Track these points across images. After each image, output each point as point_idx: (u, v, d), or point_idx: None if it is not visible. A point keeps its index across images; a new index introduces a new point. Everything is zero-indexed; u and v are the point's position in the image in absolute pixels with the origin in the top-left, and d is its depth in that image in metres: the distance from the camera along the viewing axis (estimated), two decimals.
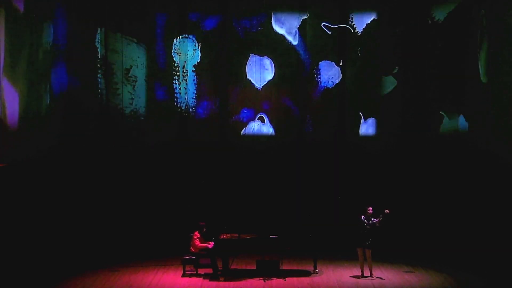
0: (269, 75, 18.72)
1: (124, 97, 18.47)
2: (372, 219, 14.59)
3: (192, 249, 15.10)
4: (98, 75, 18.21)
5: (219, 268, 15.06)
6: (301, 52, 18.68)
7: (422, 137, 18.49)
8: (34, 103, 15.80)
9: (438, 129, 18.46)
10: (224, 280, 14.68)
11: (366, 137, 18.80)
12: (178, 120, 18.81)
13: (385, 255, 16.09)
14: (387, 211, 14.47)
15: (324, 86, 18.79)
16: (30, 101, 15.51)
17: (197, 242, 15.08)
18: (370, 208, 14.73)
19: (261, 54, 18.71)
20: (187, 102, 18.74)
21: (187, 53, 18.65)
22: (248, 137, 18.78)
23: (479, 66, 16.83)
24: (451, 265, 15.85)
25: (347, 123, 18.78)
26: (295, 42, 18.65)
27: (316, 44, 18.72)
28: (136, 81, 18.60)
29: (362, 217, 14.69)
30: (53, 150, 17.25)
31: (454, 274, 15.08)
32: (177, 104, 18.74)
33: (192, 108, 18.80)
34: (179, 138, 18.76)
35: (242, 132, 18.81)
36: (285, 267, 15.16)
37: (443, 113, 18.38)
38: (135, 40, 18.46)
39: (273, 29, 18.67)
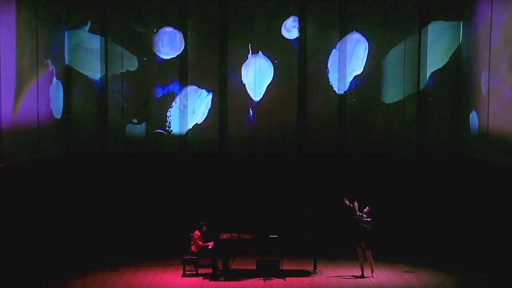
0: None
1: None
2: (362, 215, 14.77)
3: (192, 248, 15.10)
4: None
5: (219, 268, 15.06)
6: None
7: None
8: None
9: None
10: (224, 280, 14.68)
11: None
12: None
13: (385, 255, 16.12)
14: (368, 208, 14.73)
15: None
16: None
17: (199, 241, 15.09)
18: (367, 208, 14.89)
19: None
20: None
21: None
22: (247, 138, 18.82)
23: None
24: (451, 264, 15.87)
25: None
26: None
27: None
28: None
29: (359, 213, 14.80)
30: (55, 151, 17.31)
31: (454, 273, 15.10)
32: None
33: None
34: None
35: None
36: (285, 267, 15.17)
37: None
38: None
39: None
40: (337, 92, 18.68)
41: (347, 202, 15.00)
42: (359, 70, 18.68)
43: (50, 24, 16.98)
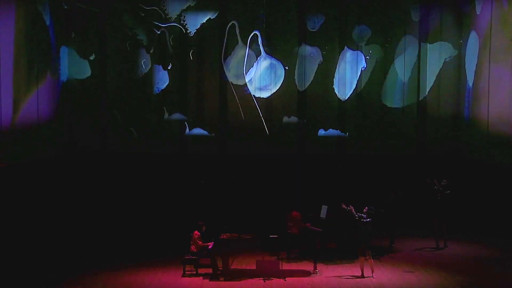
0: None
1: None
2: (362, 215, 14.75)
3: (192, 248, 15.10)
4: None
5: (219, 268, 15.06)
6: None
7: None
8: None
9: None
10: (224, 280, 14.66)
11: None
12: None
13: (385, 255, 16.14)
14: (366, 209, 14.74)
15: None
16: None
17: (199, 241, 15.09)
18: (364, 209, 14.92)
19: None
20: None
21: None
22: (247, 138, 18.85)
23: None
24: (450, 264, 15.88)
25: None
26: None
27: None
28: None
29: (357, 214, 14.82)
30: (55, 151, 17.34)
31: (454, 273, 15.11)
32: None
33: None
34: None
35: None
36: (285, 267, 15.15)
37: None
38: None
39: None
40: (337, 93, 18.71)
41: (344, 206, 14.97)
42: (359, 71, 18.73)
43: (49, 26, 16.99)
